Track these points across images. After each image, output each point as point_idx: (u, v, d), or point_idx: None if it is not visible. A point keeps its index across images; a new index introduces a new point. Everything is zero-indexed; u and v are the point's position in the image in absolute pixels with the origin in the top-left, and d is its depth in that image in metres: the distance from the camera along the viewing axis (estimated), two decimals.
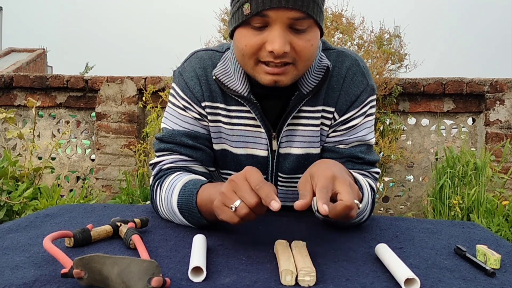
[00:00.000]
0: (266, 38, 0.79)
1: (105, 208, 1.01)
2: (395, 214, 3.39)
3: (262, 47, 0.80)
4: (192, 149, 0.93)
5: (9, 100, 3.73)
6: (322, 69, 0.91)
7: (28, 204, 2.51)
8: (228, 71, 0.91)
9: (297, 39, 0.80)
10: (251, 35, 0.81)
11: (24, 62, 11.74)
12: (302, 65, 0.83)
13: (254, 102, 0.90)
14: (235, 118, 0.94)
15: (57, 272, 0.59)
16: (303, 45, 0.81)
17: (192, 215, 0.82)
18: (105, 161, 3.56)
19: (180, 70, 0.97)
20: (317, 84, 0.90)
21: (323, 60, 0.91)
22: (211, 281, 0.58)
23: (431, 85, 3.29)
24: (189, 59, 0.98)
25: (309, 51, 0.82)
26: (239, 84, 0.90)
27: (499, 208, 2.65)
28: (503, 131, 3.24)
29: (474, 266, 0.67)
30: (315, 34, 0.83)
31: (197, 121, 0.95)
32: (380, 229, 0.87)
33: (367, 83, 0.94)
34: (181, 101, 0.95)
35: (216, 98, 0.94)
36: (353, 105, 0.93)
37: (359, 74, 0.94)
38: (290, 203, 1.02)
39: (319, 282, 0.58)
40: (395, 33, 3.55)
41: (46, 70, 13.51)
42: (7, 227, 0.83)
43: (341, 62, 0.94)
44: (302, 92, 0.90)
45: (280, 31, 0.78)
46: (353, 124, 0.93)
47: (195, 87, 0.94)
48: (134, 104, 3.52)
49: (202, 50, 0.98)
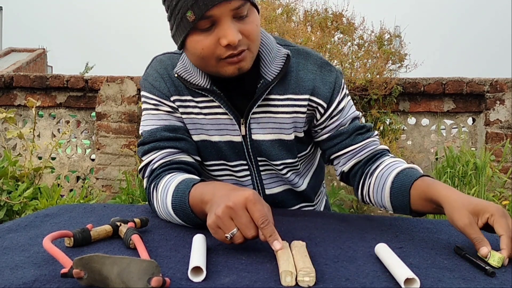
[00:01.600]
0: (218, 35, 0.83)
1: (105, 208, 1.01)
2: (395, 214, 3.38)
3: (218, 44, 0.84)
4: (174, 140, 0.95)
5: (9, 100, 3.73)
6: (283, 58, 0.96)
7: (28, 204, 2.51)
8: (188, 68, 0.95)
9: (243, 25, 0.85)
10: (203, 38, 0.84)
11: (24, 62, 11.74)
12: (254, 46, 0.88)
13: (217, 92, 0.94)
14: (205, 108, 0.97)
15: (57, 272, 0.59)
16: (250, 28, 0.85)
17: (187, 215, 0.83)
18: (105, 161, 3.56)
19: (145, 77, 1.01)
20: (280, 70, 0.95)
21: (281, 50, 0.97)
22: (211, 281, 0.58)
23: (431, 85, 3.29)
24: (150, 65, 1.03)
25: (256, 31, 0.87)
26: (200, 78, 0.94)
27: None
28: (503, 131, 3.24)
29: (474, 266, 0.67)
30: (255, 14, 0.88)
31: (170, 114, 0.98)
32: (380, 229, 0.87)
33: (335, 70, 1.01)
34: (151, 102, 0.98)
35: (182, 92, 0.98)
36: (335, 91, 0.99)
37: (325, 64, 1.01)
38: (279, 189, 1.07)
39: (319, 282, 0.58)
40: (395, 33, 3.56)
41: (46, 70, 13.51)
42: (7, 227, 0.83)
43: (305, 58, 1.00)
44: (266, 79, 0.94)
45: (229, 23, 0.82)
46: (342, 106, 1.01)
47: (160, 85, 0.98)
48: (134, 104, 3.52)
49: (161, 54, 1.04)
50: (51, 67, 14.96)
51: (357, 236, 0.81)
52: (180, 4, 0.81)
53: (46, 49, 13.62)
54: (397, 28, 3.71)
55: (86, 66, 16.82)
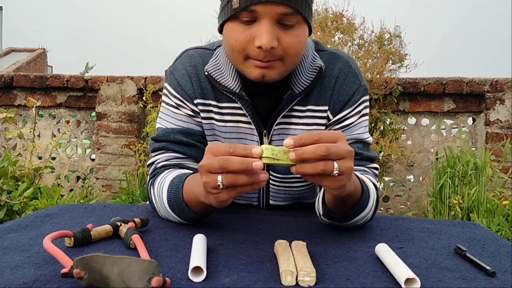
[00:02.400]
0: (254, 33, 0.80)
1: (105, 208, 1.01)
2: (395, 214, 3.39)
3: (251, 42, 0.80)
4: (186, 146, 0.93)
5: (9, 100, 3.73)
6: (315, 70, 0.92)
7: (28, 204, 2.51)
8: (220, 67, 0.92)
9: (285, 34, 0.80)
10: (239, 30, 0.81)
11: (24, 62, 11.74)
12: (289, 61, 0.83)
13: (245, 98, 0.91)
14: (227, 115, 0.94)
15: (57, 272, 0.59)
16: (291, 41, 0.81)
17: (181, 210, 0.83)
18: (105, 161, 3.56)
19: (171, 69, 0.98)
20: (310, 84, 0.91)
21: (317, 61, 0.92)
22: (211, 281, 0.58)
23: (431, 85, 3.29)
24: (179, 57, 0.99)
25: (297, 47, 0.82)
26: (231, 80, 0.91)
27: (499, 208, 2.65)
28: (503, 130, 3.23)
29: (474, 266, 0.67)
30: (303, 31, 0.83)
31: (190, 118, 0.96)
32: (380, 229, 0.87)
33: (360, 83, 0.95)
34: (173, 100, 0.96)
35: (207, 96, 0.95)
36: (347, 104, 0.94)
37: (352, 75, 0.95)
38: (284, 203, 1.03)
39: (319, 282, 0.58)
40: (396, 33, 3.55)
41: (46, 70, 13.51)
42: (7, 227, 0.83)
43: (333, 63, 0.95)
44: (294, 91, 0.91)
45: (268, 26, 0.78)
46: (348, 123, 0.94)
47: (186, 85, 0.95)
48: (134, 104, 3.52)
49: (193, 48, 0.99)
50: (51, 67, 14.97)
51: (357, 236, 0.81)
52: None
53: (46, 49, 13.62)
54: (397, 28, 3.71)
55: (86, 66, 16.82)
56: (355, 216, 0.82)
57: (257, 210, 1.01)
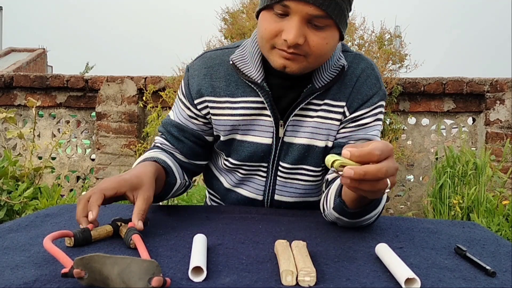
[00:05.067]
0: (283, 27, 0.83)
1: (105, 208, 1.01)
2: (395, 213, 3.39)
3: (279, 34, 0.84)
4: (175, 139, 1.03)
5: (9, 100, 3.73)
6: (338, 68, 0.95)
7: (28, 204, 2.52)
8: (246, 58, 0.96)
9: (312, 34, 0.83)
10: (271, 21, 0.85)
11: (24, 62, 11.74)
12: (313, 60, 0.86)
13: (266, 89, 0.94)
14: (242, 109, 0.97)
15: (57, 272, 0.59)
16: (317, 41, 0.84)
17: None
18: (105, 161, 3.56)
19: (189, 66, 1.04)
20: (331, 80, 0.94)
21: (341, 60, 0.96)
22: (211, 281, 0.58)
23: (431, 85, 3.29)
24: (199, 57, 1.04)
25: (323, 48, 0.85)
26: (254, 71, 0.94)
27: (499, 208, 2.65)
28: (503, 130, 3.24)
29: (474, 266, 0.67)
30: (332, 34, 0.85)
31: (189, 117, 1.02)
32: (380, 229, 0.87)
33: (380, 87, 0.98)
34: (181, 95, 1.03)
35: (219, 93, 0.98)
36: (365, 104, 0.96)
37: (373, 77, 0.98)
38: (289, 199, 1.03)
39: (319, 282, 0.58)
40: (396, 33, 3.56)
41: (46, 70, 13.51)
42: (7, 227, 0.83)
43: (357, 63, 0.98)
44: (315, 86, 0.93)
45: (297, 23, 0.81)
46: (363, 123, 0.96)
47: (193, 85, 1.00)
48: (134, 103, 3.52)
49: (213, 50, 1.04)
50: (51, 67, 14.97)
51: (357, 236, 0.81)
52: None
53: (46, 49, 13.62)
54: (397, 28, 3.71)
55: (86, 66, 16.83)
56: (367, 214, 0.82)
57: (257, 209, 1.01)
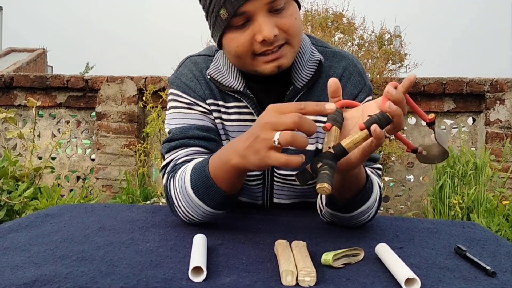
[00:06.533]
0: (253, 31, 0.81)
1: (106, 208, 1.01)
2: (395, 213, 3.39)
3: (253, 41, 0.81)
4: (206, 140, 0.91)
5: (9, 100, 3.73)
6: (315, 63, 0.93)
7: (28, 204, 2.52)
8: (222, 70, 0.93)
9: (279, 18, 0.82)
10: (238, 36, 0.82)
11: (24, 62, 11.74)
12: (295, 41, 0.85)
13: (250, 96, 0.92)
14: (234, 114, 0.95)
15: (57, 272, 0.59)
16: (288, 21, 0.82)
17: (207, 189, 0.78)
18: (105, 161, 3.56)
19: (177, 75, 0.97)
20: (311, 78, 0.92)
21: (315, 54, 0.93)
22: (212, 281, 0.58)
23: (431, 85, 3.29)
24: (183, 64, 0.99)
25: (296, 24, 0.84)
26: (233, 80, 0.92)
27: (499, 208, 2.65)
28: (503, 130, 3.23)
29: (474, 266, 0.67)
30: (293, 8, 0.84)
31: (205, 115, 0.94)
32: (380, 229, 0.87)
33: (365, 83, 0.96)
34: (183, 101, 0.94)
35: (216, 96, 0.95)
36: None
37: (356, 74, 0.95)
38: (288, 201, 1.03)
39: (319, 282, 0.58)
40: (396, 33, 3.56)
41: (46, 70, 13.51)
42: (8, 227, 0.83)
43: (338, 62, 0.96)
44: (296, 86, 0.91)
45: (264, 18, 0.80)
46: None
47: (196, 87, 0.95)
48: (134, 104, 3.52)
49: (194, 55, 1.00)
50: (51, 67, 14.97)
51: (357, 236, 0.81)
52: (213, 3, 0.81)
53: (46, 49, 13.62)
54: (397, 28, 3.72)
55: (86, 66, 16.83)
56: (359, 207, 0.82)
57: (258, 209, 1.01)
